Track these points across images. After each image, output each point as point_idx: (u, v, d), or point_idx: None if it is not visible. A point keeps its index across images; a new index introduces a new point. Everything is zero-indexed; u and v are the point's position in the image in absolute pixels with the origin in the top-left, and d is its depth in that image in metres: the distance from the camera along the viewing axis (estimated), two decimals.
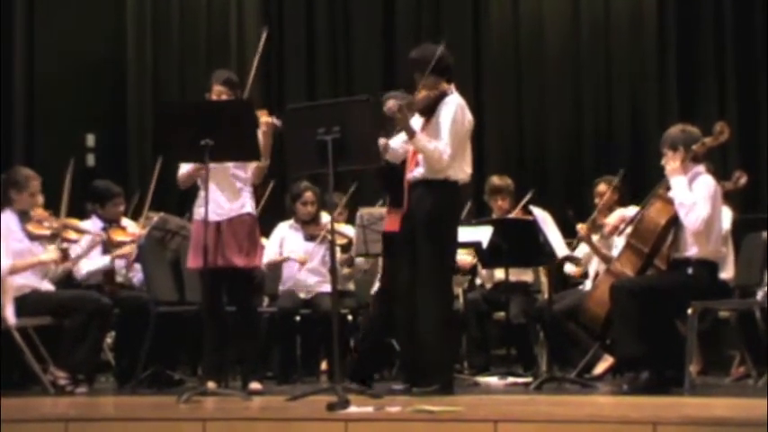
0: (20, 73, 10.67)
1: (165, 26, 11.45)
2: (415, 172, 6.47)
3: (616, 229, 7.03)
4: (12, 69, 10.61)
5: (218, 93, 6.71)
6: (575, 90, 11.14)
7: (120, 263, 7.79)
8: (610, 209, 7.95)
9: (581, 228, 7.82)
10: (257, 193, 7.02)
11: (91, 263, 7.70)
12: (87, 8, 11.00)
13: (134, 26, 11.30)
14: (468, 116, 6.51)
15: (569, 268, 8.53)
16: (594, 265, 8.08)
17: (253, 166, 6.74)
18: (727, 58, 10.77)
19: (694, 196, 6.48)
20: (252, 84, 6.77)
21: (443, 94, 6.47)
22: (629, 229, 6.83)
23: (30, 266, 7.12)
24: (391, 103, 6.33)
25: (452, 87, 6.54)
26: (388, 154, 6.58)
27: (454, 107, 6.42)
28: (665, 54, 10.89)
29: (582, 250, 8.28)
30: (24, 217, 7.20)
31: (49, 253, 7.19)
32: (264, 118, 6.55)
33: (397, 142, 6.61)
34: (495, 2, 11.33)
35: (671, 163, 6.60)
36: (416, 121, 6.51)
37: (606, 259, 7.67)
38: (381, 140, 6.45)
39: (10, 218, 7.16)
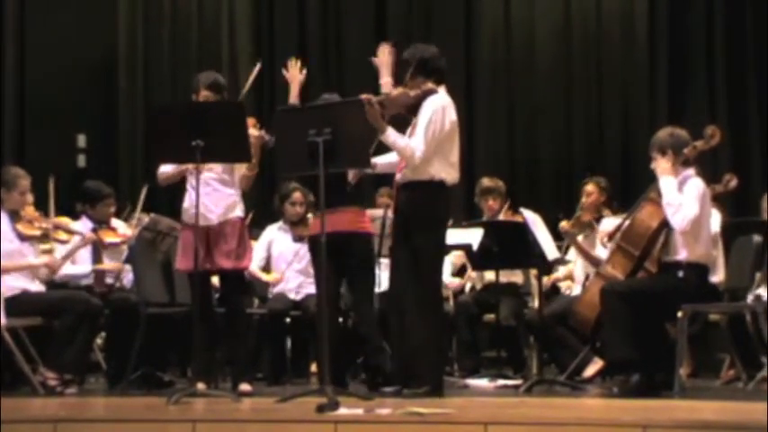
0: (11, 74, 10.66)
1: (156, 28, 11.46)
2: (402, 174, 6.48)
3: (612, 236, 7.02)
4: (3, 70, 10.60)
5: (205, 97, 6.68)
6: (566, 95, 11.14)
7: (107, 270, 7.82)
8: (597, 209, 7.97)
9: (564, 224, 7.82)
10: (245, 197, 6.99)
11: (73, 267, 7.69)
12: (79, 10, 11.00)
13: (126, 28, 11.32)
14: (451, 116, 6.47)
15: (563, 283, 8.55)
16: (582, 267, 8.07)
17: (241, 171, 6.73)
18: (717, 61, 10.78)
19: (682, 197, 6.48)
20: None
21: (427, 94, 6.48)
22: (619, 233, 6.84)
23: (19, 269, 7.10)
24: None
25: (440, 88, 6.53)
26: (378, 167, 6.61)
27: (434, 107, 6.41)
28: (655, 58, 10.90)
29: (573, 254, 8.27)
30: (15, 217, 7.19)
31: (40, 257, 7.19)
32: (252, 130, 6.50)
33: (386, 159, 6.64)
34: (487, 7, 11.33)
35: (662, 163, 6.59)
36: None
37: (591, 259, 7.67)
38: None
39: (1, 218, 7.14)
